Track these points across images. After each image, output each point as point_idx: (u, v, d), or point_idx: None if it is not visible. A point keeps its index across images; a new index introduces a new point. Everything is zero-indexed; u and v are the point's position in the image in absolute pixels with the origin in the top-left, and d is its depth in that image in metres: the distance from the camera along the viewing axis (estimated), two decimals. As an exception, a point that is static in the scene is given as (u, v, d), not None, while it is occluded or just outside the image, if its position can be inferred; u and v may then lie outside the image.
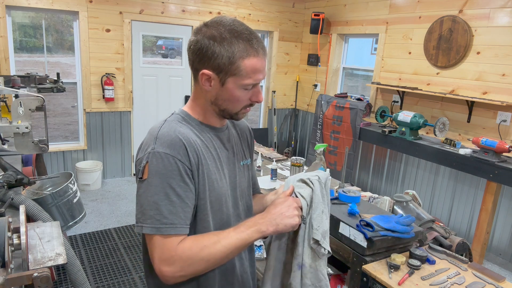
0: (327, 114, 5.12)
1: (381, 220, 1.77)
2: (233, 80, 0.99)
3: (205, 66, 0.98)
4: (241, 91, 1.01)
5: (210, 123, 1.09)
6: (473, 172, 3.41)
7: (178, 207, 0.95)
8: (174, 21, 4.99)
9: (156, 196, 0.94)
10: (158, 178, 0.94)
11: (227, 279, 1.11)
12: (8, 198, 1.81)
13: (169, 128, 1.00)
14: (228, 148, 1.13)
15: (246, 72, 0.98)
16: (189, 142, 0.99)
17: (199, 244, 0.95)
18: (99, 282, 2.93)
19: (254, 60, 0.98)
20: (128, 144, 5.08)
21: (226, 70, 0.97)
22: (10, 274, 1.18)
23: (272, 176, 2.84)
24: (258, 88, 1.04)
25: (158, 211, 0.94)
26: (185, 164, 0.96)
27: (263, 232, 0.99)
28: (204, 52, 0.97)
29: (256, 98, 1.05)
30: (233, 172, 1.13)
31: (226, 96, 1.01)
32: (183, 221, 0.96)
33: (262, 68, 1.01)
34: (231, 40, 0.96)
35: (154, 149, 0.96)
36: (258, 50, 0.98)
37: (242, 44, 0.96)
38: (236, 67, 0.97)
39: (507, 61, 3.52)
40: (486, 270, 1.67)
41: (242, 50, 0.96)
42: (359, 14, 5.06)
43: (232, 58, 0.96)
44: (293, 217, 1.02)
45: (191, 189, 0.98)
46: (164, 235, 0.93)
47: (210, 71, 0.98)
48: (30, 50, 11.18)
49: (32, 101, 2.05)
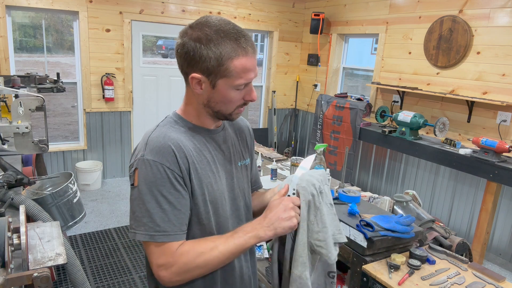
0: (327, 114, 5.12)
1: (381, 220, 1.77)
2: (224, 82, 0.96)
3: (194, 69, 0.96)
4: (234, 91, 0.99)
5: (204, 125, 1.07)
6: (473, 172, 3.41)
7: (171, 214, 0.95)
8: (174, 21, 4.99)
9: (148, 204, 0.94)
10: (148, 186, 0.94)
11: (227, 281, 1.10)
12: (8, 198, 1.81)
13: (159, 133, 0.99)
14: (224, 149, 1.11)
15: (236, 73, 0.95)
16: (180, 148, 0.97)
17: (196, 250, 0.95)
18: (99, 282, 2.93)
19: (243, 59, 0.95)
20: (128, 144, 5.08)
21: (215, 72, 0.95)
22: (10, 274, 1.18)
23: (272, 176, 2.84)
24: (251, 86, 1.02)
25: (150, 218, 0.94)
26: (174, 171, 0.95)
27: (261, 238, 0.98)
28: (191, 56, 0.95)
29: (250, 97, 1.02)
30: (230, 174, 1.11)
31: (218, 98, 0.99)
32: (177, 228, 0.96)
33: (253, 67, 0.98)
34: (218, 41, 0.93)
35: (144, 156, 0.96)
36: (246, 49, 0.95)
37: (229, 44, 0.93)
38: (226, 68, 0.94)
39: (507, 61, 3.52)
40: (486, 270, 1.67)
41: (230, 51, 0.93)
42: (359, 14, 5.06)
43: (220, 59, 0.93)
44: (290, 219, 1.00)
45: (183, 195, 0.97)
46: (158, 242, 0.94)
47: (199, 74, 0.96)
48: (30, 50, 11.18)
49: (32, 101, 2.05)
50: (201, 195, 1.01)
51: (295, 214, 1.01)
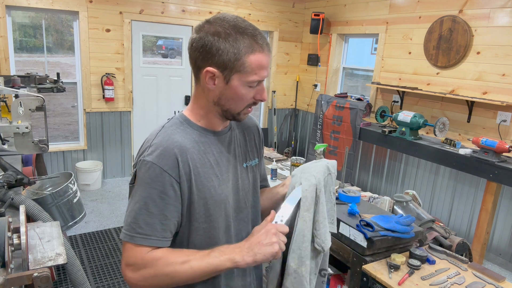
0: (327, 114, 5.12)
1: (381, 220, 1.77)
2: (238, 77, 0.95)
3: (209, 63, 0.95)
4: (246, 88, 0.97)
5: (211, 126, 1.06)
6: (473, 172, 3.41)
7: (156, 218, 0.95)
8: (174, 21, 4.99)
9: (137, 204, 0.95)
10: (142, 187, 0.95)
11: (228, 284, 1.09)
12: (8, 198, 1.81)
13: (164, 136, 0.99)
14: (229, 151, 1.09)
15: (251, 68, 0.95)
16: (183, 152, 0.97)
17: (166, 259, 0.94)
18: (99, 282, 2.93)
19: (260, 55, 0.95)
20: (128, 144, 5.08)
21: (231, 66, 0.94)
22: (10, 274, 1.18)
23: (272, 176, 2.85)
24: (262, 85, 1.01)
25: (135, 219, 0.95)
26: (171, 176, 0.95)
27: (237, 263, 0.94)
28: (208, 49, 0.94)
29: (261, 96, 1.01)
30: (235, 176, 1.10)
31: (230, 94, 0.98)
32: (159, 233, 0.95)
33: (267, 64, 0.98)
34: (236, 36, 0.93)
35: (145, 157, 0.96)
36: (263, 46, 0.96)
37: (247, 39, 0.94)
38: (242, 63, 0.94)
39: (507, 61, 3.52)
40: (486, 270, 1.67)
41: (247, 46, 0.94)
42: (359, 14, 5.06)
43: (238, 54, 0.93)
44: (271, 245, 0.94)
45: (173, 202, 0.96)
46: (135, 244, 0.94)
47: (214, 68, 0.95)
48: (30, 50, 11.18)
49: (32, 101, 2.05)
50: (203, 198, 1.00)
51: (277, 240, 0.95)
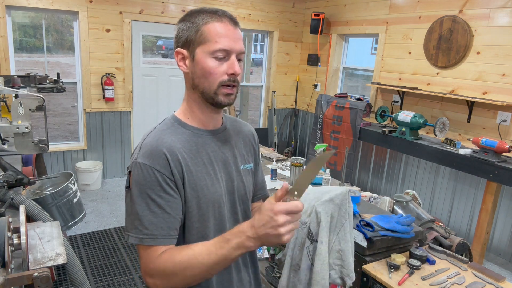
0: (327, 114, 5.12)
1: (381, 220, 1.77)
2: (201, 49, 0.98)
3: (177, 46, 1.02)
4: (212, 61, 0.97)
5: (202, 124, 1.06)
6: (473, 172, 3.41)
7: (160, 217, 0.95)
8: (174, 21, 4.98)
9: (138, 206, 0.95)
10: (139, 189, 0.95)
11: (223, 284, 1.08)
12: (8, 198, 1.81)
13: (154, 137, 1.00)
14: (225, 150, 1.08)
15: (211, 36, 0.96)
16: (173, 152, 0.97)
17: (172, 259, 0.93)
18: (99, 282, 2.93)
19: (217, 24, 0.97)
20: (128, 144, 5.08)
21: (193, 40, 0.98)
22: (10, 274, 1.18)
23: (272, 176, 2.84)
24: (233, 59, 0.98)
25: (140, 221, 0.95)
26: (164, 175, 0.95)
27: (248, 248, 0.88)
28: (177, 36, 1.02)
29: (232, 69, 0.98)
30: (231, 176, 1.09)
31: (199, 71, 0.99)
32: (165, 231, 0.95)
33: (230, 33, 0.97)
34: (196, 15, 0.99)
35: (137, 159, 0.96)
36: (222, 16, 0.98)
37: (206, 14, 0.98)
38: (200, 33, 0.97)
39: (507, 61, 3.52)
40: (486, 270, 1.67)
41: (204, 18, 0.98)
42: (359, 14, 5.06)
43: (196, 27, 0.98)
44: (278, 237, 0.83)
45: (174, 199, 0.97)
46: (146, 246, 0.95)
47: (181, 48, 1.01)
48: (30, 50, 11.18)
49: (32, 101, 2.05)
50: (196, 197, 1.00)
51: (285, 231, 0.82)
